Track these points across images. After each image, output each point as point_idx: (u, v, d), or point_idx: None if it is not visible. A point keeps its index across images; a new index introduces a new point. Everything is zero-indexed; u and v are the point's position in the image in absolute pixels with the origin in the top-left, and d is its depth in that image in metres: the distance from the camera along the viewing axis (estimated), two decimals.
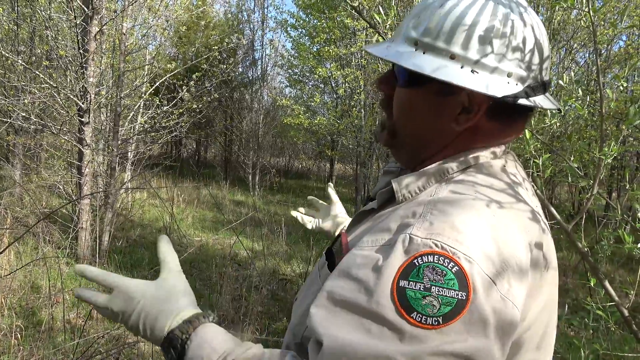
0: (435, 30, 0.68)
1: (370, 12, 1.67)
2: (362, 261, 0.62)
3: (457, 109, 0.70)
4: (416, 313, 0.56)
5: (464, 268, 0.57)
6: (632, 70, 7.50)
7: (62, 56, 5.19)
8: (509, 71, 0.68)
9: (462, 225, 0.60)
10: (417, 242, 0.59)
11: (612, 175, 9.94)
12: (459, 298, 0.56)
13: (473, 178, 0.70)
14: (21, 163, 7.15)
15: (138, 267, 5.27)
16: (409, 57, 0.69)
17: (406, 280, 0.57)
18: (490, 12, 0.67)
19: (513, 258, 0.61)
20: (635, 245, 1.03)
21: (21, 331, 3.28)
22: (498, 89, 0.66)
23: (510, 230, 0.63)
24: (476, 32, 0.66)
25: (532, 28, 0.69)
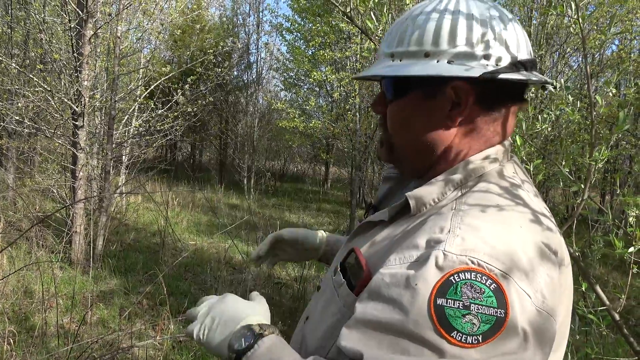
0: (405, 37, 0.72)
1: (363, 18, 1.68)
2: (392, 280, 0.61)
3: (447, 107, 0.71)
4: (456, 332, 0.55)
5: (502, 285, 0.56)
6: (623, 75, 7.56)
7: (56, 59, 5.18)
8: (484, 54, 0.69)
9: (494, 240, 0.60)
10: (451, 259, 0.58)
11: (605, 179, 10.00)
12: (498, 315, 0.55)
13: (491, 187, 0.70)
14: (14, 167, 7.11)
15: (132, 271, 5.24)
16: (386, 68, 0.73)
17: (444, 298, 0.56)
18: (452, 7, 0.71)
19: (544, 269, 0.61)
20: (626, 250, 1.04)
21: (14, 336, 3.25)
22: (476, 71, 0.67)
23: (536, 238, 0.63)
24: (444, 26, 0.69)
25: (498, 15, 0.71)
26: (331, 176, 17.90)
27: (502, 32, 0.70)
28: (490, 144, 0.74)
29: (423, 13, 0.72)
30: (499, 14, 0.71)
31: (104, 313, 4.07)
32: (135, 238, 6.64)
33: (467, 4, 0.71)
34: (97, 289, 4.54)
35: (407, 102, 0.74)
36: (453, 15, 0.69)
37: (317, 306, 0.80)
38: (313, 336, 0.76)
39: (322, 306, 0.78)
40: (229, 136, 13.94)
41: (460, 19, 0.69)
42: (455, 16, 0.69)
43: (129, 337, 3.52)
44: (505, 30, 0.70)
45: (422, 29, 0.70)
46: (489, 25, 0.69)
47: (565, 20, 7.58)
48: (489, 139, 0.74)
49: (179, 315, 3.96)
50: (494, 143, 0.74)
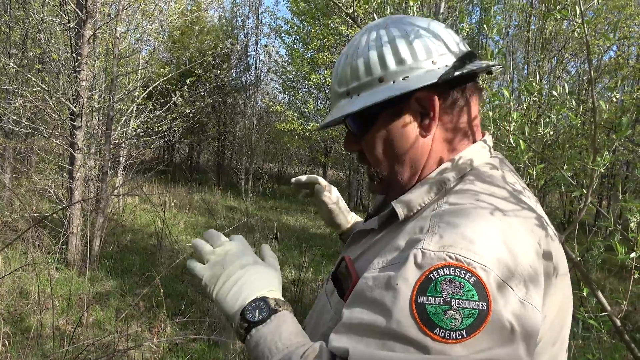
0: (354, 72, 0.75)
1: (365, 19, 1.68)
2: (373, 283, 0.62)
3: (417, 119, 0.74)
4: (439, 329, 0.55)
5: (481, 278, 0.57)
6: (623, 81, 7.61)
7: (55, 60, 5.16)
8: (431, 61, 0.72)
9: (472, 234, 0.60)
10: (429, 256, 0.59)
11: (602, 184, 10.04)
12: (480, 309, 0.55)
13: (472, 186, 0.70)
14: (11, 167, 7.08)
15: (129, 272, 5.22)
16: (349, 106, 0.75)
17: (424, 296, 0.57)
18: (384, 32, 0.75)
19: (526, 261, 0.61)
20: (628, 255, 1.04)
21: (9, 338, 3.23)
22: (433, 76, 0.71)
23: (518, 234, 0.63)
24: (385, 51, 0.73)
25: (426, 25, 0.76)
26: (329, 179, 17.90)
27: (437, 38, 0.74)
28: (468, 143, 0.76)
29: (360, 48, 0.75)
30: (425, 24, 0.76)
31: (100, 315, 4.05)
32: (132, 239, 6.61)
33: (396, 28, 0.75)
34: (93, 291, 4.51)
35: (379, 128, 0.76)
36: (390, 40, 0.73)
37: (313, 315, 0.82)
38: None
39: (317, 314, 0.79)
40: (227, 138, 13.93)
41: (397, 40, 0.73)
42: (392, 39, 0.73)
43: (125, 339, 3.50)
44: (439, 35, 0.75)
45: (366, 59, 0.74)
46: (423, 36, 0.74)
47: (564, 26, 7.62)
48: (465, 138, 0.76)
49: (175, 317, 3.94)
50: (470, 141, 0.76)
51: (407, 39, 0.73)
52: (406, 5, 6.32)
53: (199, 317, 4.06)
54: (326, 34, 9.54)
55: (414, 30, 0.74)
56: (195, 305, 4.42)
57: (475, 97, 0.78)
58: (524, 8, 8.91)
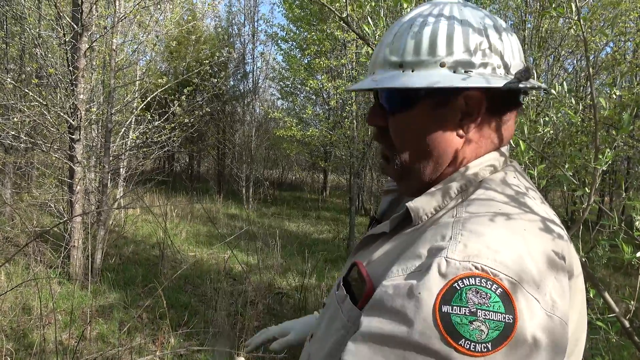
0: (415, 46, 0.69)
1: (359, 23, 1.67)
2: (395, 291, 0.59)
3: (457, 116, 0.70)
4: (464, 340, 0.53)
5: (508, 289, 0.55)
6: (623, 77, 7.60)
7: (52, 74, 5.16)
8: (497, 64, 0.69)
9: (497, 244, 0.58)
10: (454, 266, 0.56)
11: (603, 180, 10.01)
12: (507, 321, 0.53)
13: (490, 194, 0.68)
14: (11, 182, 7.08)
15: (131, 284, 5.20)
16: (399, 79, 0.69)
17: (449, 305, 0.54)
18: (460, 17, 0.70)
19: (552, 272, 0.59)
20: (634, 254, 1.02)
21: (12, 354, 3.21)
22: (496, 81, 0.67)
23: (541, 243, 0.62)
24: (455, 35, 0.68)
25: (498, 24, 0.72)
26: (330, 184, 17.89)
27: (507, 42, 0.71)
28: (491, 150, 0.74)
29: (428, 20, 0.70)
30: (500, 21, 0.72)
31: (104, 328, 4.03)
32: (134, 251, 6.59)
33: (470, 13, 0.71)
34: (96, 304, 4.49)
35: (417, 113, 0.71)
36: (463, 24, 0.69)
37: (321, 323, 0.77)
38: (318, 355, 0.74)
39: (326, 323, 0.75)
40: (226, 146, 13.94)
41: (471, 28, 0.69)
42: (465, 25, 0.69)
43: (129, 352, 3.48)
44: (508, 40, 0.71)
45: (433, 36, 0.69)
46: (496, 35, 0.70)
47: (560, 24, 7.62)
48: (490, 145, 0.73)
49: (179, 328, 3.92)
50: (493, 149, 0.74)
51: (481, 30, 0.69)
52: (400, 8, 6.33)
53: (202, 327, 4.04)
54: (322, 40, 9.54)
55: (490, 23, 0.70)
56: (199, 316, 4.40)
57: (515, 113, 0.76)
58: (519, 7, 8.92)
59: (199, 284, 5.44)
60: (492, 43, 0.69)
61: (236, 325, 4.01)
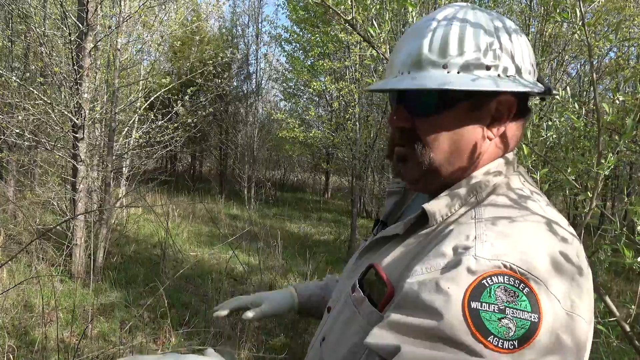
0: (459, 46, 0.69)
1: (364, 26, 1.68)
2: (421, 287, 0.59)
3: (487, 120, 0.71)
4: (493, 336, 0.54)
5: (535, 290, 0.56)
6: (627, 82, 7.59)
7: (57, 73, 5.19)
8: (529, 70, 0.71)
9: (523, 245, 0.60)
10: (483, 263, 0.57)
11: (605, 185, 9.99)
12: (532, 320, 0.54)
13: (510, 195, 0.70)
14: (15, 180, 7.10)
15: (133, 283, 5.21)
16: (448, 79, 0.68)
17: (478, 302, 0.55)
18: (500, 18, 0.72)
19: (572, 273, 0.61)
20: (635, 259, 1.02)
21: (13, 351, 3.22)
22: (539, 86, 0.70)
23: (561, 246, 0.63)
24: (503, 39, 0.70)
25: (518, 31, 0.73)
26: (332, 185, 17.89)
27: (528, 50, 0.73)
28: (504, 153, 0.75)
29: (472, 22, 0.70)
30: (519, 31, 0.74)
31: (105, 326, 4.04)
32: (136, 250, 6.61)
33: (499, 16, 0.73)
34: (97, 302, 4.50)
35: (453, 115, 0.71)
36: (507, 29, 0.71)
37: (334, 327, 0.76)
38: (333, 358, 0.73)
39: (341, 326, 0.74)
40: (229, 146, 13.95)
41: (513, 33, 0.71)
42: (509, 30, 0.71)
43: (130, 350, 3.49)
44: (529, 49, 0.73)
45: (478, 38, 0.69)
46: (520, 41, 0.71)
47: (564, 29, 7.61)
48: (506, 149, 0.75)
49: (180, 327, 3.93)
50: (507, 152, 0.75)
51: (511, 36, 0.70)
52: (405, 11, 6.34)
53: (203, 327, 4.04)
54: (326, 41, 9.56)
55: (514, 30, 0.71)
56: (200, 315, 4.40)
57: (527, 119, 0.78)
58: (523, 11, 8.92)
59: (200, 283, 5.45)
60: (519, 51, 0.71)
61: (237, 326, 4.02)
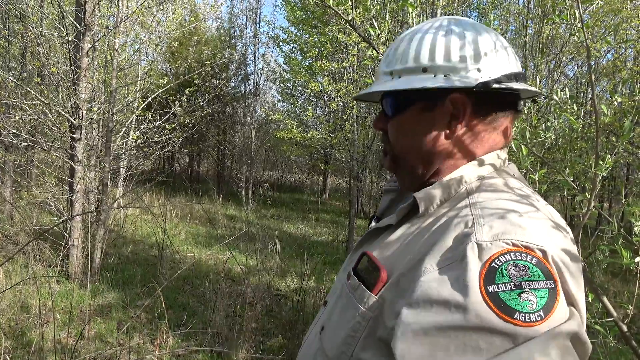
0: (403, 56, 0.78)
1: (364, 26, 1.68)
2: (437, 284, 0.60)
3: (446, 118, 0.75)
4: (518, 313, 0.55)
5: (541, 257, 0.58)
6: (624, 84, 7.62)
7: (54, 73, 5.17)
8: (477, 67, 0.74)
9: (521, 221, 0.62)
10: (486, 246, 0.59)
11: (603, 186, 10.02)
12: (550, 287, 0.56)
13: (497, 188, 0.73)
14: (11, 180, 7.08)
15: (130, 284, 5.20)
16: (386, 84, 0.78)
17: (494, 285, 0.56)
18: (446, 27, 0.77)
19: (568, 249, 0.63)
20: (633, 260, 1.03)
21: (10, 352, 3.21)
22: (471, 82, 0.72)
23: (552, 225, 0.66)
24: (438, 44, 0.75)
25: (484, 32, 0.77)
26: (329, 186, 17.89)
27: (492, 48, 0.76)
28: (488, 151, 0.78)
29: (418, 33, 0.78)
30: (486, 32, 0.77)
31: (102, 327, 4.03)
32: (134, 251, 6.59)
33: (458, 24, 0.77)
34: (94, 303, 4.49)
35: (408, 116, 0.78)
36: (446, 34, 0.75)
37: (332, 315, 0.79)
38: (332, 344, 0.75)
39: (338, 314, 0.77)
40: (226, 147, 13.94)
41: (453, 37, 0.75)
42: (448, 35, 0.75)
43: (127, 351, 3.48)
44: (494, 46, 0.76)
45: (418, 47, 0.76)
46: (479, 42, 0.75)
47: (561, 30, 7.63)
48: (489, 148, 0.78)
49: (177, 328, 3.92)
50: (490, 151, 0.78)
51: (462, 39, 0.75)
52: (404, 13, 6.35)
53: (201, 328, 4.04)
54: (324, 42, 9.56)
55: (473, 34, 0.76)
56: (197, 316, 4.40)
57: (511, 117, 0.79)
58: (520, 12, 8.94)
59: (197, 284, 5.44)
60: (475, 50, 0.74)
61: (234, 327, 4.01)
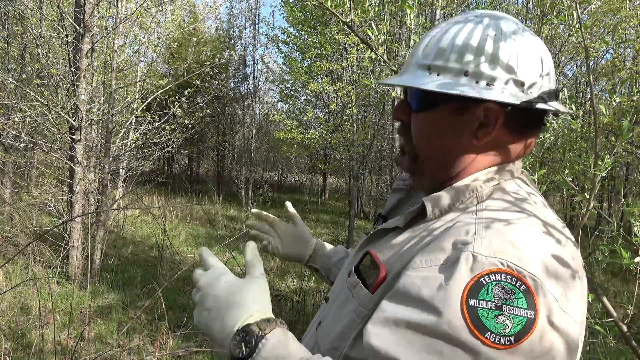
0: (445, 52, 0.72)
1: (361, 28, 1.68)
2: (422, 282, 0.61)
3: (474, 125, 0.72)
4: (490, 333, 0.55)
5: (531, 287, 0.57)
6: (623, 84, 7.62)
7: (54, 74, 5.17)
8: (522, 80, 0.70)
9: (521, 243, 0.61)
10: (481, 260, 0.59)
11: (602, 186, 10.03)
12: (528, 317, 0.56)
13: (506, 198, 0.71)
14: (11, 181, 7.07)
15: (130, 285, 5.20)
16: (423, 81, 0.72)
17: (476, 299, 0.57)
18: (494, 29, 0.71)
19: (567, 272, 0.62)
20: (632, 260, 1.03)
21: (10, 354, 3.21)
22: (515, 98, 0.69)
23: (557, 247, 0.64)
24: (486, 48, 0.70)
25: (532, 41, 0.72)
26: (329, 187, 17.89)
27: (539, 61, 0.71)
28: (506, 160, 0.76)
29: (465, 28, 0.72)
30: (535, 39, 0.73)
31: (102, 329, 4.03)
32: (133, 252, 6.59)
33: (507, 25, 0.72)
34: (94, 304, 4.49)
35: (436, 116, 0.74)
36: (495, 38, 0.70)
37: (330, 311, 0.80)
38: (327, 338, 0.76)
39: (335, 309, 0.78)
40: (226, 148, 13.94)
41: (502, 43, 0.70)
42: (497, 37, 0.70)
43: (128, 353, 3.48)
44: (541, 60, 0.72)
45: (463, 46, 0.71)
46: (528, 52, 0.70)
47: (560, 30, 7.64)
48: (508, 157, 0.76)
49: (178, 329, 3.92)
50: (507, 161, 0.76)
51: (510, 46, 0.70)
52: (402, 14, 6.34)
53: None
54: (323, 43, 9.56)
55: (522, 41, 0.71)
56: None
57: (537, 133, 0.77)
58: (519, 12, 8.96)
59: None
60: (521, 61, 0.70)
61: None
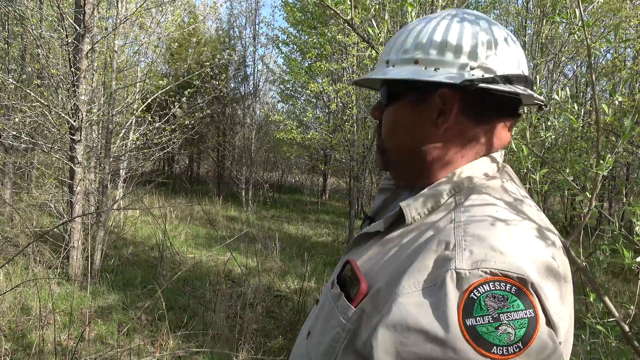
0: (400, 45, 0.76)
1: (362, 26, 1.68)
2: (415, 309, 0.59)
3: (434, 114, 0.73)
4: (496, 347, 0.54)
5: (521, 286, 0.57)
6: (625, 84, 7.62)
7: (54, 75, 5.17)
8: (470, 64, 0.71)
9: (502, 246, 0.60)
10: (465, 276, 0.57)
11: (603, 186, 10.02)
12: (529, 316, 0.55)
13: (485, 198, 0.69)
14: (11, 182, 7.08)
15: (130, 286, 5.19)
16: (378, 72, 0.77)
17: (472, 318, 0.55)
18: (448, 21, 0.74)
19: (550, 270, 0.61)
20: (634, 260, 1.02)
21: (10, 354, 3.20)
22: (458, 78, 0.69)
23: (538, 247, 0.63)
24: (435, 36, 0.72)
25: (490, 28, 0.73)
26: (329, 187, 17.89)
27: (492, 46, 0.72)
28: (481, 155, 0.75)
29: (421, 23, 0.76)
30: (493, 26, 0.74)
31: (102, 329, 4.02)
32: (134, 252, 6.59)
33: (461, 18, 0.74)
34: (95, 305, 4.49)
35: (399, 107, 0.77)
36: (446, 27, 0.73)
37: (318, 322, 0.78)
38: (316, 352, 0.74)
39: (322, 321, 0.76)
40: (226, 148, 13.94)
41: (451, 31, 0.72)
42: (447, 28, 0.73)
43: (128, 353, 3.48)
44: (496, 45, 0.72)
45: (415, 38, 0.74)
46: (479, 38, 0.72)
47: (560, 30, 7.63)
48: (479, 151, 0.75)
49: (178, 330, 3.91)
50: (483, 154, 0.75)
51: (461, 32, 0.72)
52: (403, 13, 6.34)
53: (201, 329, 4.03)
54: (323, 43, 9.56)
55: (474, 27, 0.72)
56: (198, 318, 4.39)
57: (509, 122, 0.76)
58: (519, 12, 8.96)
59: (198, 286, 5.43)
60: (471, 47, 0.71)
61: (235, 328, 4.01)
